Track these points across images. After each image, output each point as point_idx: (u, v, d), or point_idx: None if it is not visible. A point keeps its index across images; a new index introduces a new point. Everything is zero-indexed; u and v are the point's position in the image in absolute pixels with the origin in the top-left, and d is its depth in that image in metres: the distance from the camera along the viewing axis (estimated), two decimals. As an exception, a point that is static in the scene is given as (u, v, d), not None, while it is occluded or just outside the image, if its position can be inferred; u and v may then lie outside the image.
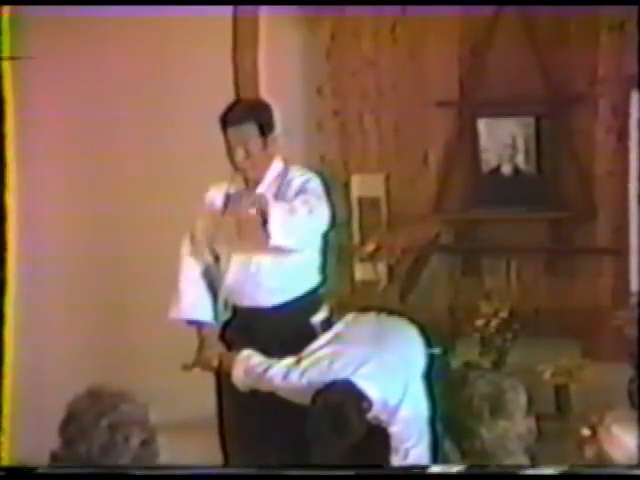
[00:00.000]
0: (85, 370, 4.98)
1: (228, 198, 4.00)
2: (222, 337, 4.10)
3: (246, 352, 3.87)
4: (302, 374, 3.67)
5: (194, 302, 4.05)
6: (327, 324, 4.01)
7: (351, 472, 2.79)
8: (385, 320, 3.94)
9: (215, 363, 3.98)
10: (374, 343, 3.72)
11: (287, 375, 3.69)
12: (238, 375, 3.84)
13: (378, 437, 3.61)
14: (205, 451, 4.06)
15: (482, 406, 2.66)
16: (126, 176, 5.58)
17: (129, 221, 5.55)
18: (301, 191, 3.91)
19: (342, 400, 3.47)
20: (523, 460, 2.68)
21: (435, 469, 2.89)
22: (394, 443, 3.60)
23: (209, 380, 4.07)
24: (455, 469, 2.72)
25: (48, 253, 5.54)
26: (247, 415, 3.97)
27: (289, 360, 3.73)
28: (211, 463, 3.85)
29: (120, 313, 5.54)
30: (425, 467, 3.19)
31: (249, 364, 3.81)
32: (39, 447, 2.72)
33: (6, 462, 4.48)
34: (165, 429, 2.72)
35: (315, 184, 3.97)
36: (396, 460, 3.59)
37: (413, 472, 3.13)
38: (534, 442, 2.71)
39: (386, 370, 3.60)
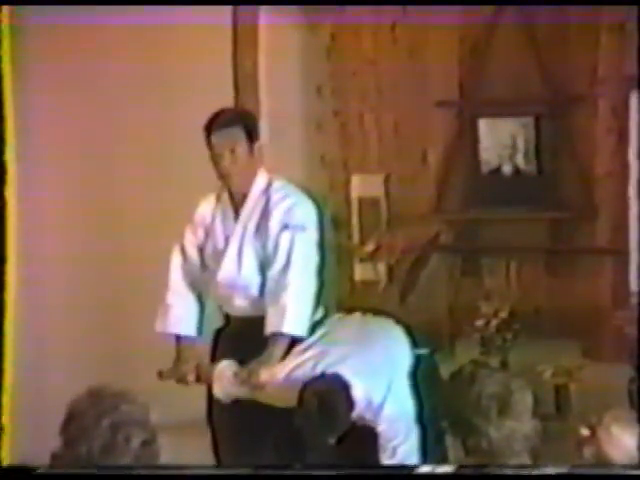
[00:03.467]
0: (86, 370, 4.99)
1: (214, 216, 4.02)
2: (215, 344, 4.11)
3: (224, 363, 3.87)
4: (287, 376, 3.68)
5: (181, 316, 4.05)
6: (319, 325, 4.01)
7: (344, 472, 2.80)
8: (370, 320, 3.97)
9: (191, 378, 3.97)
10: (358, 343, 3.75)
11: (272, 378, 3.70)
12: (218, 388, 3.85)
13: (367, 437, 3.63)
14: (206, 451, 4.07)
15: (490, 405, 2.67)
16: (127, 177, 5.58)
17: (129, 221, 5.55)
18: (284, 227, 3.88)
19: (329, 390, 3.49)
20: (527, 461, 2.68)
21: (426, 469, 2.89)
22: (381, 442, 3.62)
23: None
24: (446, 468, 2.73)
25: (48, 253, 5.54)
26: (239, 416, 3.97)
27: (273, 364, 3.74)
28: (212, 463, 3.86)
29: (121, 313, 5.54)
30: (415, 466, 3.20)
31: (229, 373, 3.81)
32: (39, 447, 2.73)
33: (6, 462, 4.48)
34: (166, 429, 2.72)
35: (298, 214, 3.94)
36: (385, 458, 3.61)
37: (407, 472, 3.13)
38: (538, 443, 2.72)
39: (369, 369, 3.62)
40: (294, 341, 3.83)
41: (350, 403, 3.53)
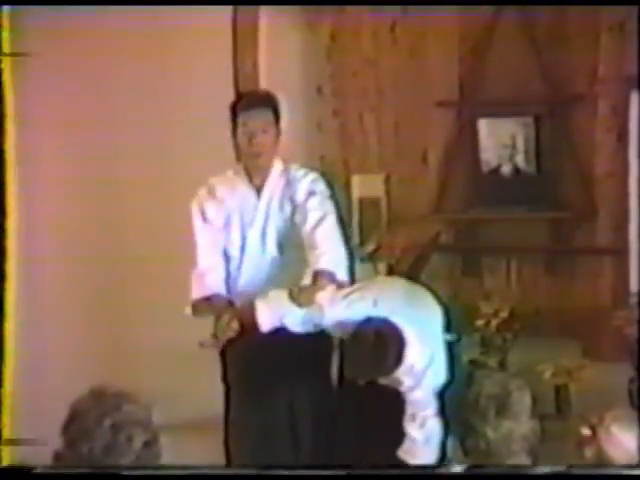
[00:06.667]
0: (88, 370, 4.98)
1: (235, 194, 4.00)
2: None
3: (270, 292, 3.80)
4: (349, 304, 3.66)
5: (215, 280, 3.98)
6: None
7: (345, 472, 2.80)
8: (415, 286, 3.94)
9: (236, 325, 3.88)
10: (407, 301, 3.73)
11: (333, 301, 3.67)
12: (264, 312, 3.75)
13: (393, 402, 3.60)
14: (208, 452, 4.07)
15: (488, 406, 2.67)
16: (127, 176, 5.58)
17: (130, 220, 5.55)
18: (311, 193, 3.92)
19: (388, 333, 3.48)
20: (526, 461, 2.68)
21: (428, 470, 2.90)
22: (412, 409, 3.55)
23: (213, 380, 4.07)
24: (454, 469, 2.73)
25: (48, 253, 5.54)
26: (254, 412, 3.96)
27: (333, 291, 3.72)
28: (214, 463, 3.86)
29: (123, 313, 5.54)
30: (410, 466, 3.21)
31: (279, 295, 3.75)
32: (41, 447, 2.73)
33: (7, 462, 4.48)
34: (168, 430, 2.72)
35: (322, 185, 4.00)
36: (412, 427, 3.56)
37: (411, 472, 3.14)
38: (537, 443, 2.71)
39: (419, 332, 3.60)
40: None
41: (399, 357, 3.51)
